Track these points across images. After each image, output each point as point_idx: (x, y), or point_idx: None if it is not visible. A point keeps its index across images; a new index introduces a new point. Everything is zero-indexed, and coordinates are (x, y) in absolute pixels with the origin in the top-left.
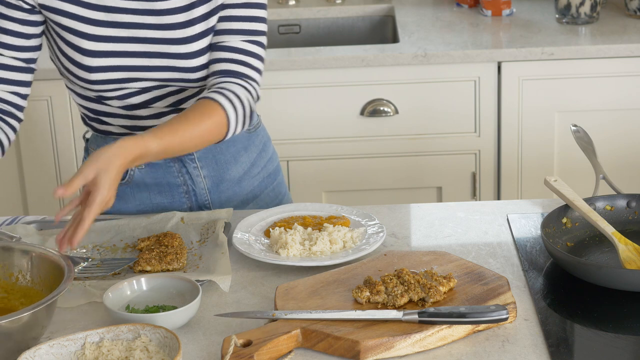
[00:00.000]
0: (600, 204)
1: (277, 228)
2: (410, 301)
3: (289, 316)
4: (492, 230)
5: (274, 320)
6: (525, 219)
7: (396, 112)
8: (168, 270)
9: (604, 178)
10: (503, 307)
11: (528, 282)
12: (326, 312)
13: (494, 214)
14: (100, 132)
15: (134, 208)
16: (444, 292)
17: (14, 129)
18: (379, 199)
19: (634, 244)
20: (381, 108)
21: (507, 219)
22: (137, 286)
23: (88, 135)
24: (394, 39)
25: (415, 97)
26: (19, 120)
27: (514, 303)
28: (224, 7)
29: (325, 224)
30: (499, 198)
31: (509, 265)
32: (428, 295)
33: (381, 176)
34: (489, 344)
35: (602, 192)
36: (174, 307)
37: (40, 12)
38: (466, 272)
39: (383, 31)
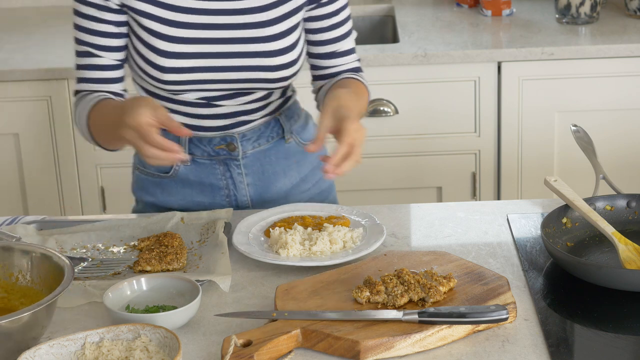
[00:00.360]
0: (600, 204)
1: (277, 228)
2: (410, 301)
3: (289, 316)
4: (492, 230)
5: (274, 320)
6: (525, 219)
7: (396, 112)
8: (168, 270)
9: (604, 178)
10: (503, 307)
11: (528, 282)
12: (326, 312)
13: (494, 214)
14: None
15: (175, 202)
16: (444, 292)
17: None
18: (379, 199)
19: (634, 244)
20: (381, 108)
21: (507, 219)
22: (137, 286)
23: None
24: (394, 39)
25: (415, 97)
26: None
27: (514, 303)
28: (326, 16)
29: (325, 224)
30: (499, 198)
31: (509, 265)
32: (428, 295)
33: (381, 176)
34: (489, 344)
35: (602, 192)
36: (174, 307)
37: (125, 13)
38: (466, 272)
39: (383, 31)
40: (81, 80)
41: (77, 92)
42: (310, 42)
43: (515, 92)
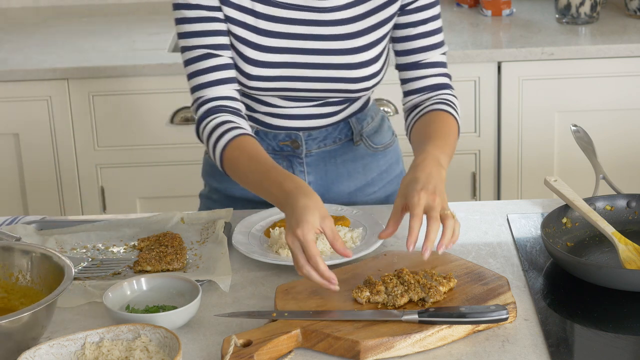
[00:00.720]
0: (600, 204)
1: (277, 228)
2: (410, 301)
3: (289, 316)
4: (492, 230)
5: (274, 320)
6: (525, 219)
7: (396, 112)
8: (168, 270)
9: (604, 178)
10: (503, 307)
11: (528, 282)
12: (326, 312)
13: (494, 214)
14: None
15: (238, 191)
16: (444, 292)
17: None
18: None
19: (634, 244)
20: (381, 108)
21: (507, 219)
22: (137, 286)
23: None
24: None
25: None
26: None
27: (514, 303)
28: (414, 24)
29: None
30: (499, 198)
31: (509, 265)
32: (428, 295)
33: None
34: (489, 344)
35: (602, 192)
36: (174, 307)
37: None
38: (466, 272)
39: None
40: (201, 86)
41: (197, 101)
42: (396, 53)
43: (515, 92)
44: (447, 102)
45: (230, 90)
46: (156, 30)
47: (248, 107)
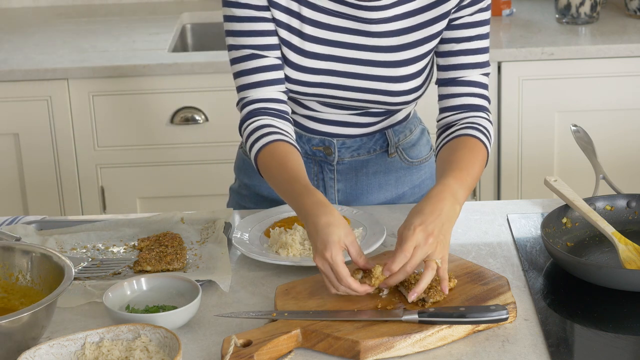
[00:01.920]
0: (600, 204)
1: (277, 228)
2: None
3: (289, 316)
4: (492, 230)
5: (274, 320)
6: (525, 219)
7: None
8: (168, 270)
9: (604, 178)
10: (503, 307)
11: (528, 282)
12: (326, 312)
13: (494, 214)
14: None
15: (266, 190)
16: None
17: (292, 126)
18: None
19: (634, 244)
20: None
21: (507, 219)
22: (137, 286)
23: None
24: None
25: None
26: (292, 122)
27: (514, 303)
28: (458, 40)
29: None
30: (499, 198)
31: (509, 265)
32: (428, 296)
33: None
34: (489, 344)
35: (602, 192)
36: (174, 307)
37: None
38: (466, 272)
39: None
40: (246, 86)
41: (242, 100)
42: (438, 67)
43: (515, 92)
44: (478, 126)
45: (275, 92)
46: (156, 30)
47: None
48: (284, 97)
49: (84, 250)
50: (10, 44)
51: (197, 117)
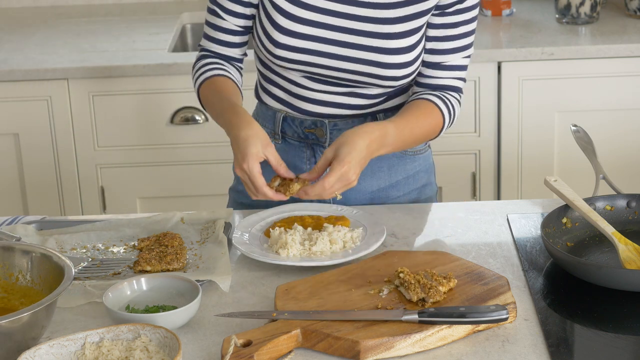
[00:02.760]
0: (600, 204)
1: (277, 228)
2: (410, 301)
3: (289, 316)
4: (492, 230)
5: (274, 320)
6: (525, 219)
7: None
8: (168, 270)
9: (604, 178)
10: (503, 307)
11: (528, 282)
12: (326, 312)
13: (494, 214)
14: (261, 102)
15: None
16: (444, 292)
17: (239, 72)
18: None
19: (634, 244)
20: None
21: (507, 219)
22: (137, 286)
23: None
24: None
25: None
26: (241, 68)
27: (514, 303)
28: (445, 26)
29: (325, 224)
30: (499, 198)
31: (509, 265)
32: (428, 296)
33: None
34: (489, 344)
35: (602, 192)
36: (174, 307)
37: None
38: (466, 272)
39: None
40: (206, 37)
41: (200, 47)
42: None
43: (515, 92)
44: (444, 97)
45: (229, 52)
46: (156, 30)
47: (278, 86)
48: (236, 56)
49: (84, 250)
50: (10, 44)
51: (197, 117)
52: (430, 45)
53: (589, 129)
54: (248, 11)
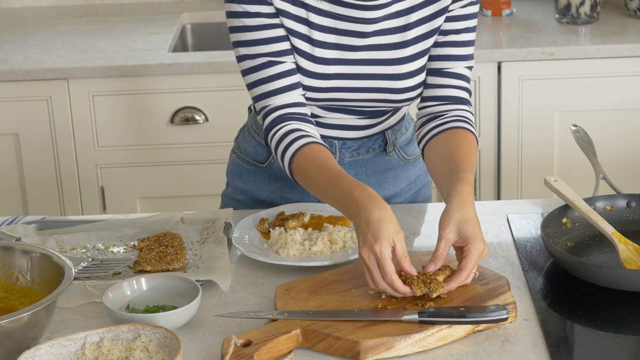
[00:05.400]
0: (600, 204)
1: (277, 228)
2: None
3: (289, 316)
4: (492, 230)
5: (274, 320)
6: (525, 219)
7: None
8: (168, 270)
9: (604, 178)
10: (503, 307)
11: (528, 282)
12: (326, 312)
13: (494, 214)
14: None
15: (264, 194)
16: (442, 281)
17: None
18: None
19: (634, 244)
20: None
21: (507, 219)
22: (137, 286)
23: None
24: None
25: None
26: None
27: (514, 303)
28: (445, 32)
29: (325, 224)
30: (499, 198)
31: (509, 265)
32: (430, 290)
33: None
34: (489, 344)
35: (602, 192)
36: (174, 307)
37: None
38: None
39: None
40: (265, 95)
41: (264, 109)
42: None
43: (515, 92)
44: (466, 119)
45: (296, 96)
46: (156, 30)
47: None
48: (304, 101)
49: (84, 250)
50: (10, 44)
51: (197, 117)
52: (433, 51)
53: (589, 129)
54: (289, 45)
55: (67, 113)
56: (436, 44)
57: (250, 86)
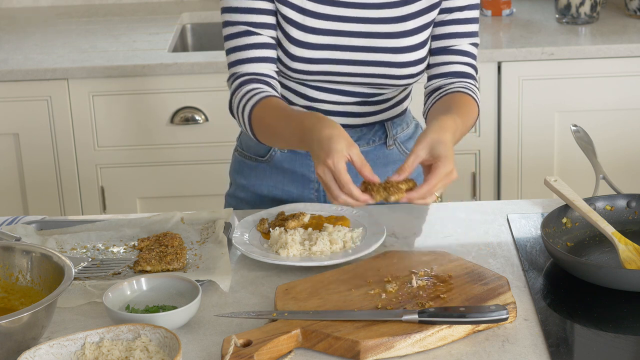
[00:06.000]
0: (600, 204)
1: (277, 228)
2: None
3: (289, 316)
4: (492, 230)
5: (274, 320)
6: (525, 219)
7: None
8: (168, 270)
9: (604, 178)
10: (503, 307)
11: (528, 282)
12: (326, 312)
13: (494, 214)
14: None
15: (266, 188)
16: (405, 190)
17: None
18: None
19: (634, 244)
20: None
21: (507, 219)
22: (137, 286)
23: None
24: None
25: (416, 97)
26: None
27: (514, 303)
28: (449, 10)
29: (325, 224)
30: (499, 198)
31: (509, 265)
32: (389, 194)
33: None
34: (489, 344)
35: (602, 192)
36: (174, 307)
37: None
38: (466, 272)
39: None
40: (237, 62)
41: (233, 75)
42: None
43: (515, 92)
44: (470, 89)
45: (266, 69)
46: (156, 30)
47: (290, 103)
48: (275, 75)
49: (84, 250)
50: (10, 44)
51: (197, 117)
52: (436, 30)
53: (589, 129)
54: (275, 21)
55: (67, 113)
56: (440, 23)
57: (227, 52)
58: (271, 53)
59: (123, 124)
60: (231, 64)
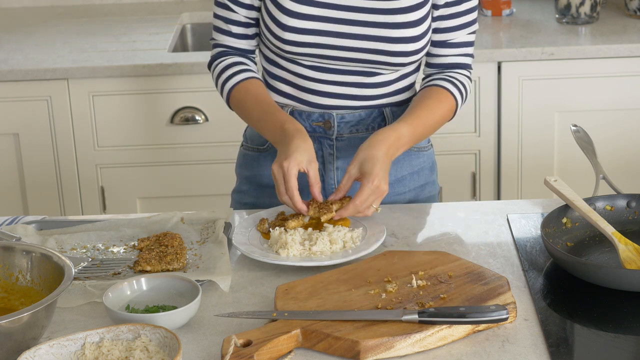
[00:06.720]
0: (600, 204)
1: (277, 228)
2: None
3: (289, 316)
4: (492, 230)
5: (274, 320)
6: (525, 219)
7: None
8: (168, 270)
9: (604, 178)
10: (503, 307)
11: (528, 282)
12: (326, 312)
13: (494, 214)
14: None
15: (267, 178)
16: (336, 210)
17: (255, 65)
18: None
19: (634, 244)
20: None
21: (507, 219)
22: (137, 286)
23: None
24: None
25: None
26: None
27: (514, 303)
28: (448, 4)
29: (325, 224)
30: (499, 198)
31: (509, 265)
32: (319, 214)
33: None
34: (489, 344)
35: (602, 192)
36: (174, 307)
37: None
38: (466, 272)
39: None
40: (218, 30)
41: (213, 42)
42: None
43: (515, 92)
44: (454, 80)
45: (246, 45)
46: (156, 30)
47: (285, 81)
48: (252, 49)
49: (84, 250)
50: (10, 44)
51: (197, 117)
52: (436, 24)
53: (589, 129)
54: (256, 3)
55: (67, 113)
56: (440, 17)
57: (213, 16)
58: (247, 31)
59: (123, 124)
60: (214, 28)
